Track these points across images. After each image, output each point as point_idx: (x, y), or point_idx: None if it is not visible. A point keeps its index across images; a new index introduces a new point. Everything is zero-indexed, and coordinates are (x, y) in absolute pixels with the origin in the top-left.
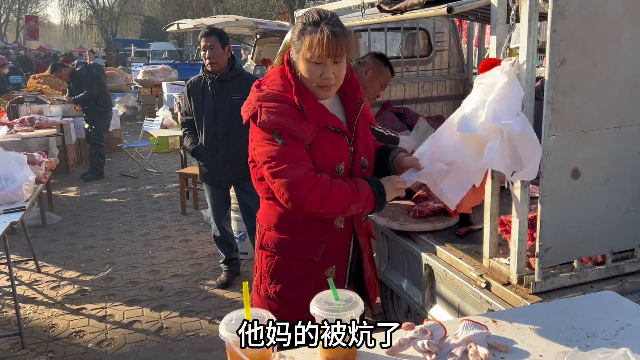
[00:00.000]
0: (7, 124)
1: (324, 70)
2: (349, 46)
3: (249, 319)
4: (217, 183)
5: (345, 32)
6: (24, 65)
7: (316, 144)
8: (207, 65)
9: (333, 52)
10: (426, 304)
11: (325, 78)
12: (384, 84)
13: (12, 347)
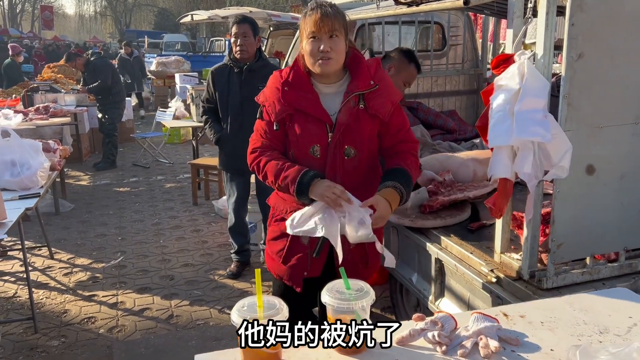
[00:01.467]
0: (22, 112)
1: (321, 43)
2: (342, 24)
3: (260, 306)
4: (240, 172)
5: (337, 12)
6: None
7: (291, 124)
8: (236, 53)
9: (326, 27)
10: (436, 298)
11: (322, 50)
12: (407, 82)
13: (25, 331)
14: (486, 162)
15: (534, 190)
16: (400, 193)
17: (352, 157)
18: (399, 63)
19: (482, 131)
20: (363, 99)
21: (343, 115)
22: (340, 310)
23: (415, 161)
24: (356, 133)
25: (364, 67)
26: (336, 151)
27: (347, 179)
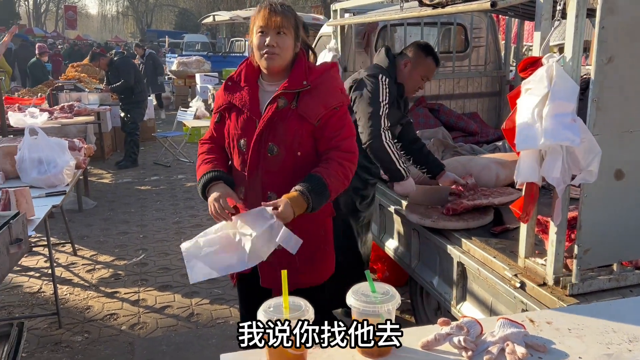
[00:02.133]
0: (47, 110)
1: (267, 38)
2: (292, 23)
3: (286, 307)
4: None
5: (288, 11)
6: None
7: (227, 117)
8: None
9: (274, 23)
10: (457, 302)
11: (268, 44)
12: (425, 76)
13: (49, 326)
14: (509, 166)
15: (562, 195)
16: (307, 200)
17: (275, 155)
18: (415, 58)
19: (508, 135)
20: (297, 99)
21: (268, 111)
22: (365, 313)
23: (342, 171)
24: (281, 131)
25: (300, 68)
26: (260, 147)
27: (267, 177)
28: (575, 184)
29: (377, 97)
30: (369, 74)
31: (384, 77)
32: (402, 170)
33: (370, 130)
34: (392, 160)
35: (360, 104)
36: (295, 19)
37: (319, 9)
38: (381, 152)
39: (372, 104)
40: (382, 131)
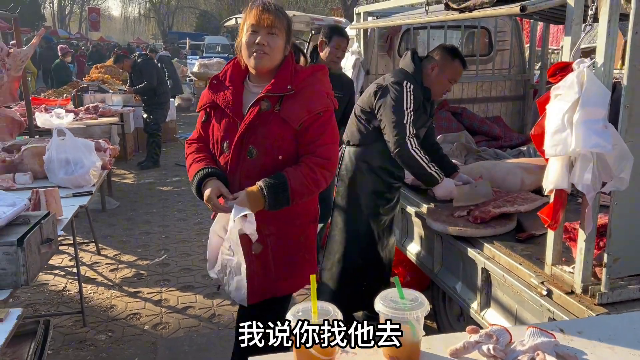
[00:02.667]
0: (73, 111)
1: (258, 36)
2: (283, 25)
3: (315, 312)
4: None
5: (280, 13)
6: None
7: (212, 117)
8: (329, 62)
9: (266, 22)
10: (481, 308)
11: (258, 43)
12: (453, 79)
13: (74, 324)
14: (535, 171)
15: (592, 203)
16: (264, 197)
17: (254, 158)
18: (442, 61)
19: (537, 140)
20: (280, 102)
21: (250, 114)
22: (394, 319)
23: (311, 176)
24: (262, 134)
25: (286, 71)
26: (241, 149)
27: (246, 180)
28: (606, 192)
29: (401, 105)
30: (394, 80)
31: (408, 84)
32: (434, 174)
33: (396, 139)
34: (422, 166)
35: (384, 112)
36: (287, 21)
37: (339, 11)
38: (410, 160)
39: (396, 113)
40: (407, 139)
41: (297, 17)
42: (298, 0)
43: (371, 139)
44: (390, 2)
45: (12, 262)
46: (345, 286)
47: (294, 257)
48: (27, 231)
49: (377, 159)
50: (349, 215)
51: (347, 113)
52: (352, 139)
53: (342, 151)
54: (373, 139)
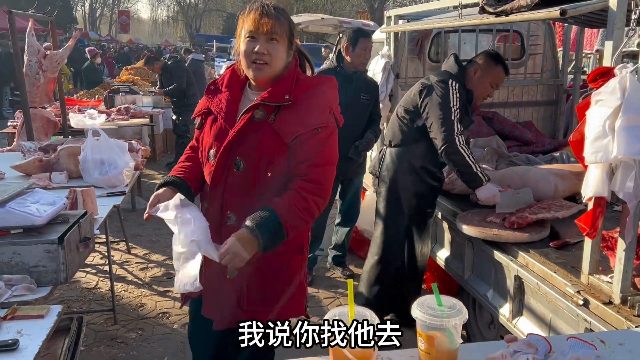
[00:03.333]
0: (105, 112)
1: (257, 44)
2: (285, 29)
3: (352, 317)
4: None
5: (282, 16)
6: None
7: (205, 123)
8: (358, 65)
9: (265, 27)
10: (513, 317)
11: (257, 52)
12: (494, 83)
13: (105, 321)
14: (569, 178)
15: (633, 211)
16: (257, 239)
17: (241, 171)
18: (485, 65)
19: (575, 147)
20: (277, 112)
21: (240, 121)
22: (432, 326)
23: (305, 206)
24: (251, 145)
25: (287, 80)
26: (227, 160)
27: (229, 194)
28: None
29: (447, 101)
30: (439, 79)
31: (453, 82)
32: (480, 174)
33: (444, 135)
34: (469, 164)
35: (431, 109)
36: (289, 25)
37: (366, 14)
38: (456, 156)
39: (443, 109)
40: (455, 135)
41: (325, 20)
42: (324, 4)
43: (414, 139)
44: (422, 6)
45: (53, 260)
46: (380, 289)
47: (272, 289)
48: (66, 230)
49: (419, 159)
50: (389, 216)
51: (373, 116)
52: (393, 139)
53: (383, 152)
54: (415, 139)
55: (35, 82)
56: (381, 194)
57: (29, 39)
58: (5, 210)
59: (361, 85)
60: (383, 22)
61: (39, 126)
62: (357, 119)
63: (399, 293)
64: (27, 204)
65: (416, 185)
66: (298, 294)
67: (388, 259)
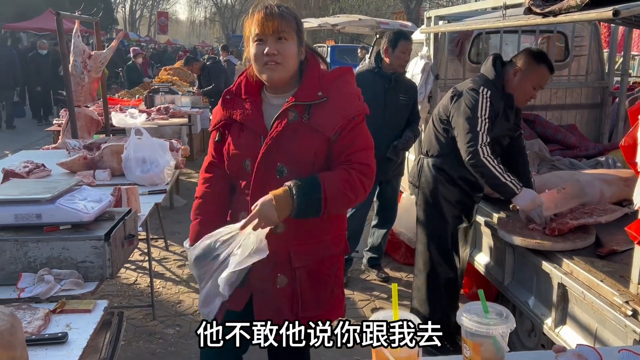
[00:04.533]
0: (146, 111)
1: (266, 46)
2: (292, 26)
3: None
4: None
5: (287, 13)
6: (155, 57)
7: (228, 134)
8: (397, 67)
9: (272, 27)
10: (556, 325)
11: (268, 53)
12: (537, 85)
13: (144, 317)
14: (615, 183)
15: None
16: (292, 198)
17: (285, 177)
18: (525, 66)
19: (627, 152)
20: (309, 111)
21: (277, 127)
22: (478, 334)
23: (349, 179)
24: (293, 149)
25: (314, 76)
26: (267, 167)
27: None
28: None
29: (475, 111)
30: (470, 87)
31: (485, 90)
32: (509, 184)
33: (467, 147)
34: (495, 175)
35: (457, 118)
36: (295, 21)
37: (402, 15)
38: (482, 169)
39: (469, 120)
40: (479, 147)
41: (363, 21)
42: (360, 4)
43: (450, 149)
44: (463, 6)
45: (99, 256)
46: (437, 304)
47: (323, 293)
48: (112, 226)
49: (457, 169)
50: (433, 229)
51: (412, 117)
52: (430, 149)
53: (421, 162)
54: (452, 149)
55: (80, 81)
56: (422, 206)
57: (75, 40)
58: (55, 207)
59: (400, 87)
60: (419, 22)
61: (82, 124)
62: (395, 120)
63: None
64: (75, 201)
65: (457, 195)
66: (342, 294)
67: (437, 271)
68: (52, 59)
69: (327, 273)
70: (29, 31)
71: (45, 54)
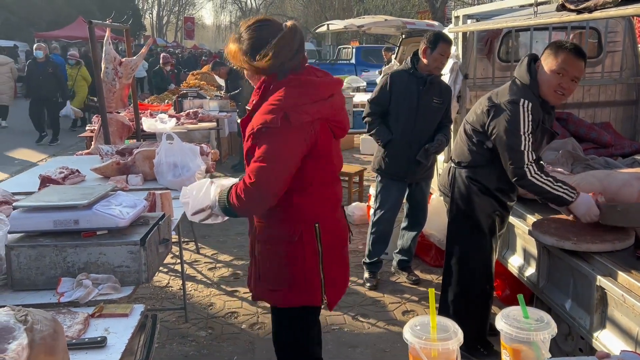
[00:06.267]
0: (175, 116)
1: None
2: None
3: (434, 327)
4: (400, 178)
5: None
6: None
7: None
8: (433, 69)
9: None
10: (594, 329)
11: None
12: (562, 70)
13: (177, 319)
14: None
15: None
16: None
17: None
18: (544, 58)
19: None
20: (252, 116)
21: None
22: (518, 339)
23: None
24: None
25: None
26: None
27: None
28: None
29: (517, 129)
30: (508, 100)
31: (525, 102)
32: (563, 195)
33: (513, 169)
34: (547, 191)
35: (498, 136)
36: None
37: (427, 14)
38: (531, 187)
39: (512, 138)
40: (526, 168)
41: (389, 22)
42: (385, 5)
43: (485, 160)
44: (491, 5)
45: (135, 260)
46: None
47: (277, 272)
48: (147, 231)
49: (494, 181)
50: (468, 241)
51: (444, 121)
52: (463, 160)
53: (453, 172)
54: (487, 160)
55: (112, 88)
56: (455, 219)
57: (107, 48)
58: (92, 213)
59: (434, 89)
60: (445, 22)
61: (114, 130)
62: (427, 122)
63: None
64: (111, 207)
65: (493, 206)
66: (308, 281)
67: (473, 285)
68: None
69: (274, 256)
70: (61, 40)
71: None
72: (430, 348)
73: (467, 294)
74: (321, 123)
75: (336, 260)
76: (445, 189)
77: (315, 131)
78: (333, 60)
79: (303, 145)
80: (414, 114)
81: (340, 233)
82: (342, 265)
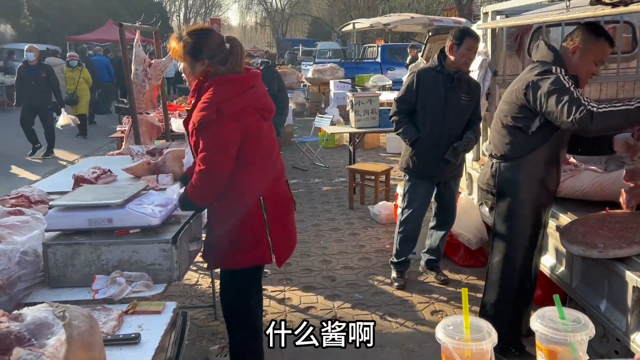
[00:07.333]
0: None
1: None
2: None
3: (467, 327)
4: (428, 177)
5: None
6: None
7: None
8: (461, 65)
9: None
10: (631, 331)
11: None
12: (599, 60)
13: (206, 317)
14: None
15: None
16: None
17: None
18: (584, 42)
19: None
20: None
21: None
22: (554, 340)
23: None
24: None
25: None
26: None
27: None
28: None
29: (562, 84)
30: (539, 71)
31: (557, 68)
32: (637, 105)
33: (578, 118)
34: (619, 111)
35: (549, 101)
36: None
37: (453, 11)
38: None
39: (561, 94)
40: (589, 107)
41: (415, 19)
42: (410, 3)
43: (531, 147)
44: (522, 0)
45: (167, 258)
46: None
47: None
48: (179, 230)
49: (542, 169)
50: (519, 234)
51: (473, 118)
52: (506, 153)
53: (496, 167)
54: (533, 147)
55: (141, 89)
56: (503, 214)
57: (136, 50)
58: (125, 211)
59: (462, 86)
60: (471, 18)
61: (144, 131)
62: (456, 120)
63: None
64: (143, 205)
65: (542, 196)
66: (257, 242)
67: (516, 282)
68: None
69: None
70: (91, 42)
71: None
72: (463, 348)
73: (508, 292)
74: (249, 110)
75: (282, 225)
76: (488, 186)
77: (246, 117)
78: (358, 59)
79: (237, 131)
80: (442, 111)
81: (284, 203)
82: (288, 229)
